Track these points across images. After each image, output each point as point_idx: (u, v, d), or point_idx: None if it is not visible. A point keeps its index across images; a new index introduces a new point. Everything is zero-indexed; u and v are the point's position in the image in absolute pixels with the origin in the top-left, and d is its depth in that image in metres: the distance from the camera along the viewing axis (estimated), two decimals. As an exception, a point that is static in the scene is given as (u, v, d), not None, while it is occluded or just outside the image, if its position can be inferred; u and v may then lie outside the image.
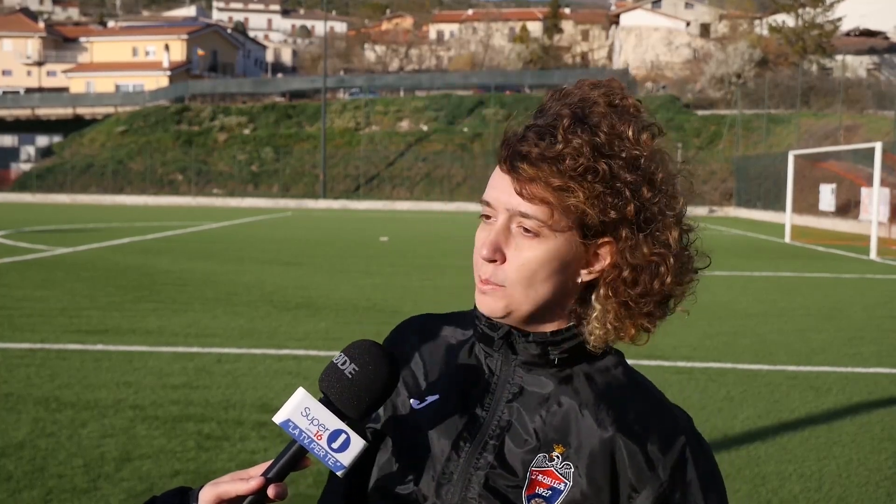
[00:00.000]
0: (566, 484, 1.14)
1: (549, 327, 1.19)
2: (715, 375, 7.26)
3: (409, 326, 1.34)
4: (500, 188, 1.14)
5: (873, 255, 20.14)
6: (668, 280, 1.15)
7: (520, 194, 1.12)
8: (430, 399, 1.23)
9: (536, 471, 1.15)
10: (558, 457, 1.15)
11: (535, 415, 1.18)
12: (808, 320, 10.37)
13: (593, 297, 1.18)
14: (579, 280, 1.17)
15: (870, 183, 25.84)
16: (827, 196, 32.54)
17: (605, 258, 1.15)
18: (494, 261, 1.15)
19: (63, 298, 10.99)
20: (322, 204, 52.43)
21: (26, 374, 6.78)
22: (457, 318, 1.33)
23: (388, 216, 41.40)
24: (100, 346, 7.98)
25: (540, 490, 1.14)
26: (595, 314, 1.17)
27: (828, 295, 12.89)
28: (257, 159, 58.91)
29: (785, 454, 5.16)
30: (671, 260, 1.15)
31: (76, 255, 17.02)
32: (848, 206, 33.78)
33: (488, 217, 1.17)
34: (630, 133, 1.11)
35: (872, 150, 22.63)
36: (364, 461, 1.25)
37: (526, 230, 1.13)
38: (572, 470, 1.14)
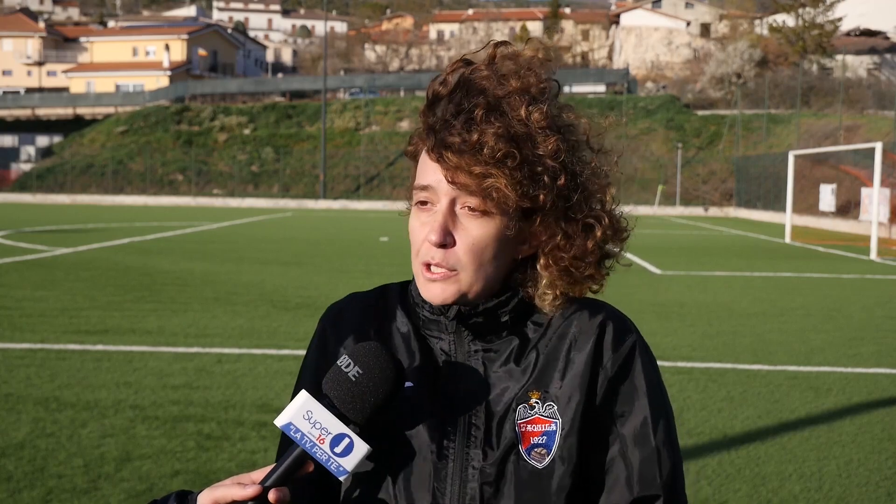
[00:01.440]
0: (556, 422, 1.17)
1: (494, 296, 1.21)
2: (715, 375, 7.26)
3: (347, 314, 1.33)
4: (439, 173, 1.17)
5: (873, 256, 20.14)
6: (600, 240, 1.19)
7: (451, 182, 1.14)
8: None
9: (523, 423, 1.17)
10: (537, 402, 1.18)
11: (504, 378, 1.20)
12: (808, 320, 10.37)
13: (537, 266, 1.21)
14: (520, 256, 1.21)
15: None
16: (827, 196, 32.53)
17: (542, 230, 1.18)
18: (444, 245, 1.16)
19: (63, 298, 10.99)
20: (322, 204, 52.42)
21: (26, 375, 6.78)
22: (385, 296, 1.33)
23: (389, 216, 41.38)
24: (100, 347, 7.98)
25: (535, 440, 1.16)
26: (544, 282, 1.20)
27: (828, 295, 12.89)
28: (257, 159, 58.92)
29: (785, 454, 5.16)
30: (605, 220, 1.19)
31: (76, 255, 17.02)
32: (848, 207, 33.78)
33: (424, 203, 1.19)
34: (539, 113, 1.14)
35: (873, 150, 22.63)
36: None
37: (471, 209, 1.15)
38: (555, 408, 1.17)
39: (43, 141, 69.43)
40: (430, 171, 1.17)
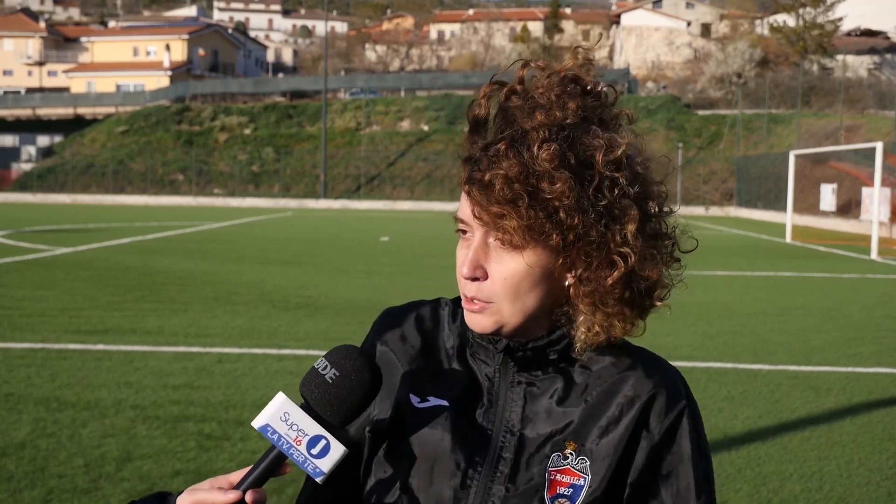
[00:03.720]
0: (585, 479, 1.15)
1: (541, 331, 1.19)
2: (715, 375, 7.26)
3: (399, 316, 1.33)
4: (469, 207, 1.15)
5: (874, 255, 20.14)
6: (624, 276, 1.12)
7: (476, 217, 1.13)
8: (435, 402, 1.22)
9: (554, 471, 1.16)
10: (572, 454, 1.16)
11: (542, 418, 1.19)
12: (808, 320, 10.37)
13: (574, 301, 1.18)
14: (566, 284, 1.16)
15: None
16: (828, 196, 32.54)
17: (568, 266, 1.15)
18: (477, 278, 1.15)
19: (63, 298, 10.99)
20: (322, 204, 52.44)
21: (27, 374, 6.78)
22: (438, 310, 1.33)
23: (389, 216, 41.41)
24: (100, 346, 7.98)
25: (561, 490, 1.15)
26: (580, 318, 1.17)
27: (828, 295, 12.89)
28: (258, 159, 58.93)
29: (785, 454, 5.16)
30: (631, 257, 1.12)
31: (76, 255, 17.03)
32: (849, 206, 33.79)
33: (465, 232, 1.18)
34: (548, 153, 1.09)
35: (873, 150, 22.64)
36: (354, 460, 1.26)
37: (502, 242, 1.13)
38: (588, 464, 1.16)
39: (44, 141, 69.46)
40: (464, 204, 1.16)
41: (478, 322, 1.18)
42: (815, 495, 4.50)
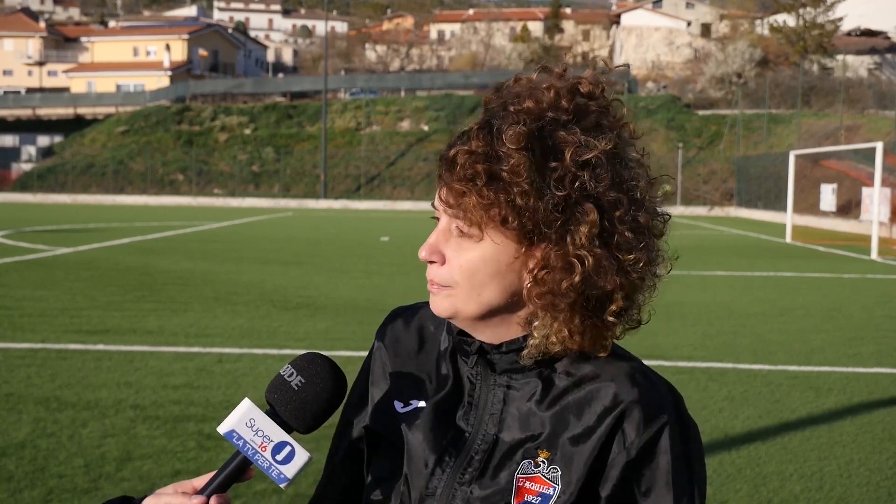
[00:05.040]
0: (555, 488, 1.12)
1: (515, 333, 1.17)
2: (716, 375, 7.25)
3: (402, 316, 1.34)
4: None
5: (874, 255, 20.14)
6: (579, 282, 1.08)
7: (442, 200, 1.14)
8: (415, 404, 1.22)
9: (523, 478, 1.13)
10: (544, 462, 1.13)
11: (518, 422, 1.16)
12: (808, 320, 10.37)
13: (529, 301, 1.14)
14: (526, 284, 1.13)
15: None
16: (828, 196, 32.54)
17: (526, 260, 1.12)
18: (433, 262, 1.16)
19: (63, 298, 10.99)
20: (323, 204, 52.45)
21: (27, 374, 6.79)
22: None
23: (389, 216, 41.43)
24: (100, 346, 7.98)
25: (529, 497, 1.12)
26: (538, 322, 1.14)
27: (828, 295, 12.89)
28: (258, 159, 58.93)
29: (786, 454, 5.16)
30: (588, 260, 1.08)
31: (76, 255, 17.03)
32: (849, 206, 33.79)
33: (438, 220, 1.18)
34: (513, 132, 1.08)
35: (873, 150, 22.64)
36: (355, 458, 1.27)
37: (461, 231, 1.13)
38: (559, 473, 1.12)
39: (44, 141, 69.44)
40: (439, 188, 1.17)
41: (434, 304, 1.18)
42: (815, 495, 4.50)
